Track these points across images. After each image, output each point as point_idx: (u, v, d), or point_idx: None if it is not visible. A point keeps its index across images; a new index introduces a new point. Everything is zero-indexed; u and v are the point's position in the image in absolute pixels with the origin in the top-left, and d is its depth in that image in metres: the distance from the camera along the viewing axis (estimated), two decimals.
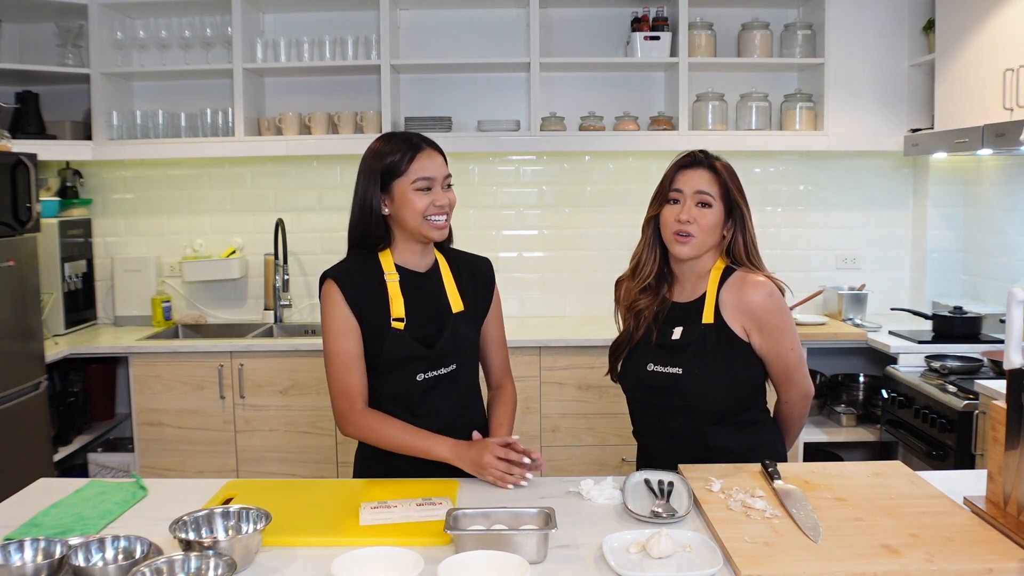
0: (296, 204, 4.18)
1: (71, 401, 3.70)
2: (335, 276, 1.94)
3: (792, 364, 1.97)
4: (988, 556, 1.42)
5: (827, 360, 4.01)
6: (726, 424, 1.95)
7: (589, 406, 3.57)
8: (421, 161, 1.90)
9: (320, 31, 3.97)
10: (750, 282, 1.92)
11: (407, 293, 1.94)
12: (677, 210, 1.94)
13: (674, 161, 2.00)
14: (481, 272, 2.08)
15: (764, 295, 1.91)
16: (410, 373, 1.93)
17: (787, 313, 1.95)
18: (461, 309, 1.99)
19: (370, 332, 1.92)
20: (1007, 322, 1.53)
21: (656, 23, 3.87)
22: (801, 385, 2.00)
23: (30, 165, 3.31)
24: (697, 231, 1.92)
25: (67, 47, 3.95)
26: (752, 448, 1.95)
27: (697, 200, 1.92)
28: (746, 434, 1.97)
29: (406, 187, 1.90)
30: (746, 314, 1.92)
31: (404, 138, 1.95)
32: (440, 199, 1.91)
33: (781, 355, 1.95)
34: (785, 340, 1.94)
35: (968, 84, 3.29)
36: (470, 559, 1.39)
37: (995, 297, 3.65)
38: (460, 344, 1.97)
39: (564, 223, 4.19)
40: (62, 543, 1.42)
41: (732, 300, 1.93)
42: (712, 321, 1.93)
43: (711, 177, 1.94)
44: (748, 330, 1.93)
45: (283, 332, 4.08)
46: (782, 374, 1.98)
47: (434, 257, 2.02)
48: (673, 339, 1.95)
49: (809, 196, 4.16)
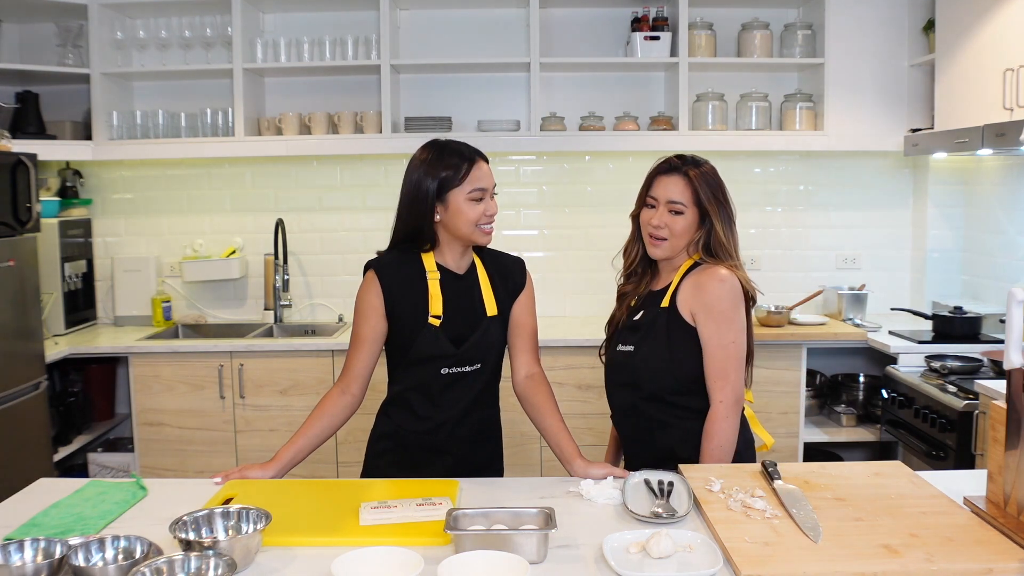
0: (296, 204, 4.18)
1: (71, 401, 3.70)
2: (377, 267, 2.03)
3: (730, 359, 1.95)
4: (988, 556, 1.42)
5: (827, 360, 4.01)
6: (662, 402, 2.01)
7: (589, 406, 3.57)
8: (475, 172, 1.98)
9: (320, 31, 3.97)
10: (709, 272, 1.98)
11: (446, 292, 2.01)
12: (652, 215, 2.03)
13: (653, 165, 2.08)
14: (512, 273, 2.12)
15: (717, 282, 1.96)
16: (436, 367, 2.00)
17: (738, 308, 1.97)
18: (495, 313, 2.05)
19: (404, 326, 2.01)
20: (1007, 322, 1.53)
21: (656, 23, 3.87)
22: (736, 386, 1.97)
23: (30, 165, 3.31)
24: (669, 235, 2.01)
25: (67, 47, 3.95)
26: (679, 434, 2.00)
27: (670, 208, 2.00)
28: (680, 414, 2.00)
29: (462, 198, 1.96)
30: (696, 299, 1.97)
31: (456, 150, 2.00)
32: (491, 208, 2.00)
33: (722, 346, 1.95)
34: (728, 332, 1.95)
35: (968, 84, 3.29)
36: (470, 559, 1.39)
37: (995, 297, 3.65)
38: (487, 346, 2.03)
39: (564, 223, 4.19)
40: (62, 543, 1.42)
41: (688, 286, 2.00)
42: (667, 305, 2.01)
43: (684, 185, 2.00)
44: (695, 315, 1.98)
45: (283, 332, 4.08)
46: (719, 368, 1.95)
47: (472, 260, 2.08)
48: (634, 320, 2.07)
49: (809, 196, 4.16)
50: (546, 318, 4.14)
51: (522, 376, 2.10)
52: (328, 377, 3.58)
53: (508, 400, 2.16)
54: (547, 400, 2.06)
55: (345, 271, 4.18)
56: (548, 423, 2.03)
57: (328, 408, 2.03)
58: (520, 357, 2.10)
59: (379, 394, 2.14)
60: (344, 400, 2.04)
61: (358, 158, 4.11)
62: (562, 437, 1.99)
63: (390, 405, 2.10)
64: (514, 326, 2.09)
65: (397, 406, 2.08)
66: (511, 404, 2.16)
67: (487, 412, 2.10)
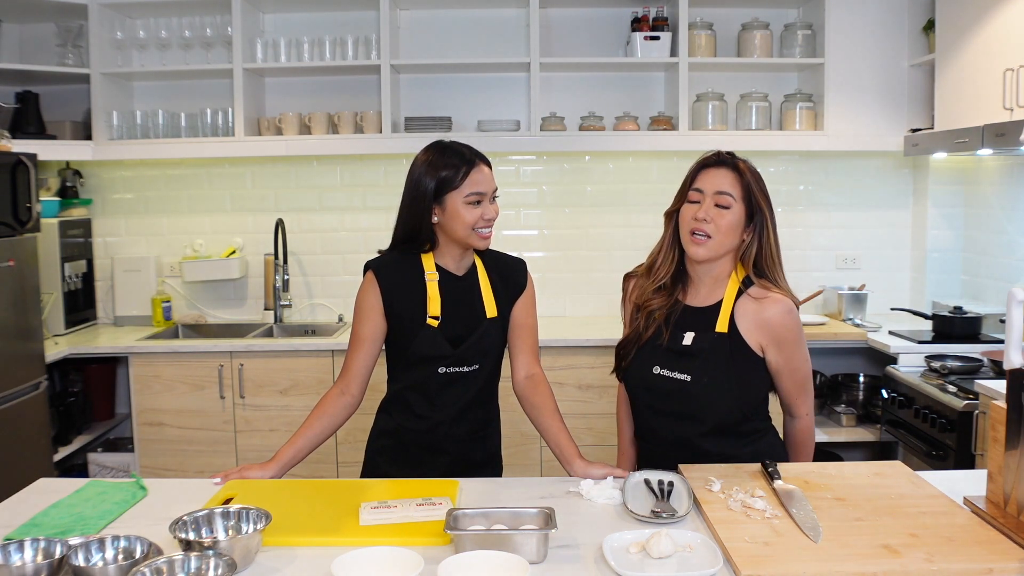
0: (296, 204, 4.18)
1: (71, 401, 3.70)
2: (376, 268, 2.04)
3: (805, 375, 1.99)
4: (988, 556, 1.42)
5: (827, 360, 4.01)
6: (727, 434, 1.94)
7: (589, 406, 3.57)
8: (475, 176, 1.96)
9: (320, 31, 3.97)
10: (770, 299, 1.91)
11: (444, 294, 2.01)
12: (695, 209, 1.90)
13: (698, 160, 1.97)
14: (513, 275, 2.11)
15: (783, 312, 1.90)
16: (433, 366, 2.01)
17: (802, 329, 1.96)
18: (495, 315, 2.04)
19: (403, 326, 2.01)
20: (1007, 322, 1.53)
21: (656, 23, 3.87)
22: (812, 394, 2.03)
23: (30, 165, 3.31)
24: (714, 231, 1.88)
25: (67, 47, 3.94)
26: (752, 456, 1.94)
27: (717, 200, 1.88)
28: (746, 442, 1.97)
29: (459, 201, 1.95)
30: (764, 331, 1.91)
31: (457, 152, 1.99)
32: (489, 212, 1.98)
33: (797, 368, 1.96)
34: (801, 354, 1.96)
35: (968, 84, 3.28)
36: (470, 559, 1.39)
37: (995, 297, 3.65)
38: (486, 348, 2.03)
39: (564, 223, 4.19)
40: (62, 543, 1.42)
41: (750, 315, 1.91)
42: (726, 331, 1.91)
43: (734, 177, 1.90)
44: (764, 346, 1.92)
45: (283, 332, 4.08)
46: (797, 386, 1.99)
47: (472, 261, 2.08)
48: (684, 344, 1.92)
49: (809, 196, 4.16)
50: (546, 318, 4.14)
51: (522, 376, 2.09)
52: (328, 377, 3.58)
53: (508, 400, 2.16)
54: (547, 400, 2.05)
55: (345, 271, 4.18)
56: (548, 423, 2.02)
57: (327, 408, 2.03)
58: (520, 357, 2.10)
59: (379, 393, 2.14)
60: (343, 400, 2.04)
61: (358, 158, 4.11)
62: (562, 437, 1.98)
63: (389, 403, 2.11)
64: (514, 327, 2.09)
65: (396, 404, 2.09)
66: (511, 404, 2.16)
67: (485, 411, 2.10)
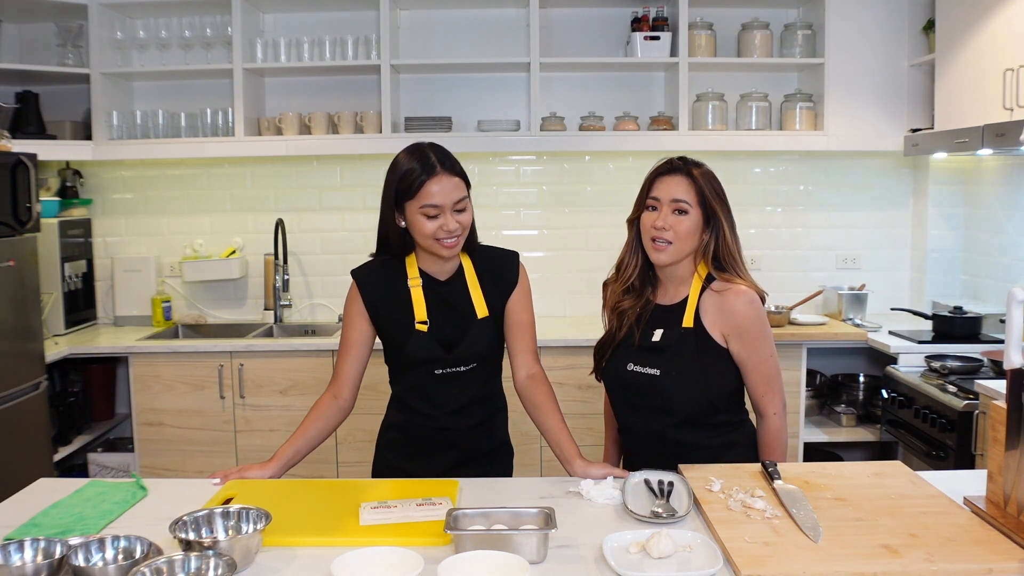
0: (296, 204, 4.18)
1: (71, 401, 3.70)
2: (357, 276, 2.06)
3: (772, 372, 1.98)
4: (988, 556, 1.42)
5: (827, 360, 4.01)
6: (698, 426, 1.98)
7: (588, 406, 3.57)
8: (429, 187, 1.88)
9: (320, 31, 3.97)
10: (731, 290, 1.94)
11: (429, 298, 2.00)
12: (654, 217, 1.95)
13: (653, 167, 2.02)
14: (504, 270, 2.07)
15: (744, 303, 1.93)
16: (429, 369, 2.00)
17: (766, 321, 1.97)
18: (486, 315, 2.02)
19: (392, 331, 2.01)
20: (1007, 322, 1.53)
21: (656, 23, 3.87)
22: (782, 393, 2.01)
23: (30, 165, 3.31)
24: (674, 237, 1.93)
25: (67, 47, 3.94)
26: (723, 446, 1.98)
27: (674, 208, 1.94)
28: (717, 433, 1.99)
29: (415, 210, 1.91)
30: (726, 321, 1.94)
31: (421, 158, 1.91)
32: (449, 224, 1.90)
33: (761, 362, 1.96)
34: (764, 348, 1.96)
35: (968, 84, 3.28)
36: (470, 559, 1.39)
37: (995, 297, 3.65)
38: (480, 349, 2.01)
39: (564, 223, 4.19)
40: (62, 543, 1.42)
41: (713, 307, 1.95)
42: (692, 325, 1.96)
43: (688, 184, 1.94)
44: (727, 336, 1.95)
45: (283, 332, 4.08)
46: (763, 382, 1.98)
47: (457, 263, 2.05)
48: (653, 341, 1.99)
49: (809, 196, 4.16)
50: (546, 318, 4.16)
51: (522, 376, 2.08)
52: (328, 377, 3.56)
53: (508, 399, 2.16)
54: (548, 400, 2.04)
55: (345, 271, 4.07)
56: (548, 423, 2.01)
57: (321, 412, 2.03)
58: (519, 357, 2.08)
59: (378, 393, 2.15)
60: (336, 404, 2.04)
61: (358, 158, 4.11)
62: (562, 437, 1.98)
63: (395, 401, 2.12)
64: (510, 324, 2.07)
65: (400, 404, 2.10)
66: (511, 404, 2.16)
67: (490, 403, 2.10)
